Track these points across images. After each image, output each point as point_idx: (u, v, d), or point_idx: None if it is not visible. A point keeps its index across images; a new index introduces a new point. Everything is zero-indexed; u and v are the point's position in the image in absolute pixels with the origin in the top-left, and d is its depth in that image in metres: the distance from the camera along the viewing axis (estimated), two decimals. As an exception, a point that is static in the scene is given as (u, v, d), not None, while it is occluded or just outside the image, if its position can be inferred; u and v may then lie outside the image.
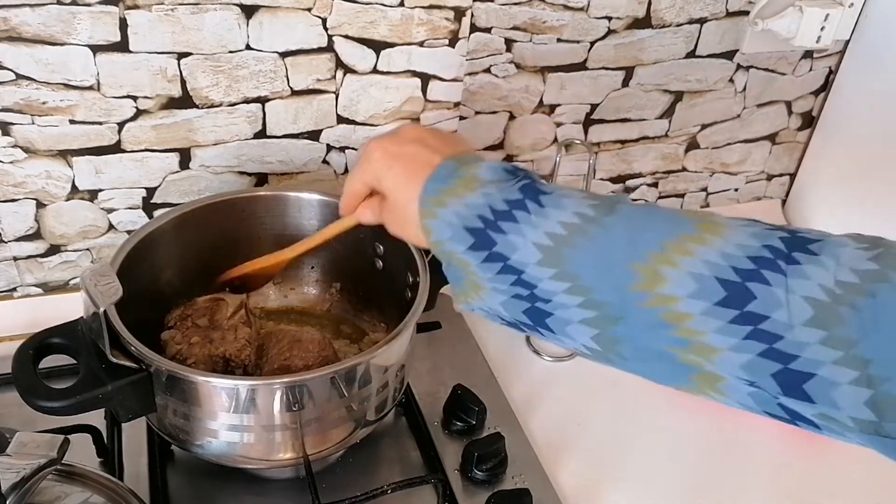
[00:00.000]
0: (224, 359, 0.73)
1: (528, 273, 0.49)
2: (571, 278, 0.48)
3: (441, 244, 0.53)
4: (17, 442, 0.55)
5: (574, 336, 0.49)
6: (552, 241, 0.49)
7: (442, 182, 0.53)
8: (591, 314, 0.48)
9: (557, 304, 0.49)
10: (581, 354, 0.51)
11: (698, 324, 0.44)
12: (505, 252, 0.50)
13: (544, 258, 0.49)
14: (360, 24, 0.83)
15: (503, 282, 0.50)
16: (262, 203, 0.82)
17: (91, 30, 0.74)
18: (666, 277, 0.45)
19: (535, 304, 0.50)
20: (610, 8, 0.92)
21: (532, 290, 0.49)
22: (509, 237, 0.50)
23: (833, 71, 1.08)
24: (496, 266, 0.50)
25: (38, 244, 0.86)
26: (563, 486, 0.77)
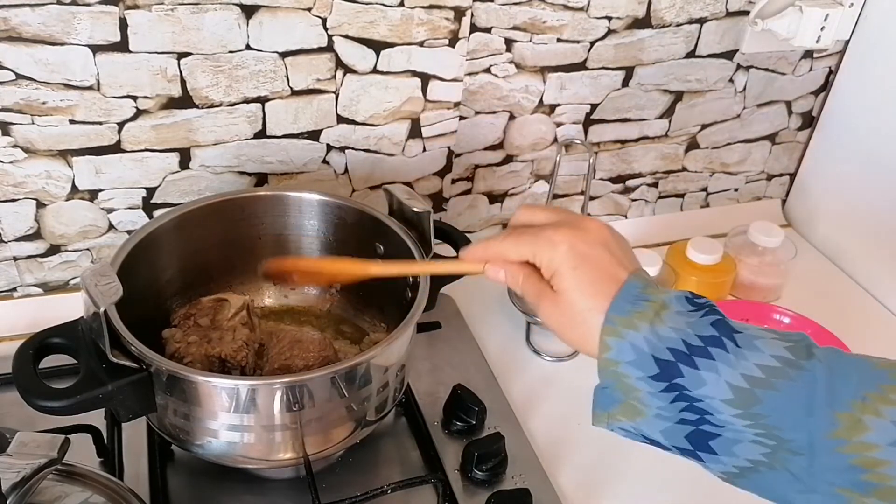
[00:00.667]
0: (220, 359, 0.73)
1: (708, 403, 0.49)
2: (758, 418, 0.48)
3: (616, 364, 0.51)
4: (18, 442, 0.55)
5: (739, 454, 0.49)
6: (747, 384, 0.48)
7: (632, 303, 0.52)
8: (769, 445, 0.48)
9: (730, 430, 0.49)
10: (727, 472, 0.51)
11: (894, 469, 0.45)
12: (688, 385, 0.49)
13: (735, 399, 0.48)
14: (360, 23, 0.83)
15: (673, 410, 0.50)
16: (262, 203, 0.82)
17: (91, 30, 0.74)
18: (869, 426, 0.46)
19: (701, 427, 0.49)
20: (610, 8, 0.92)
21: (702, 416, 0.49)
22: (701, 373, 0.49)
23: (833, 71, 1.08)
24: (671, 395, 0.50)
25: (38, 244, 0.86)
26: (563, 486, 0.77)
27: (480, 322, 0.96)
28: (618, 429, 0.54)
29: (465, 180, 1.00)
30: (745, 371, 0.48)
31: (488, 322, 0.97)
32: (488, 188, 1.02)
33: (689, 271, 0.98)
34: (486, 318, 0.97)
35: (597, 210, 1.10)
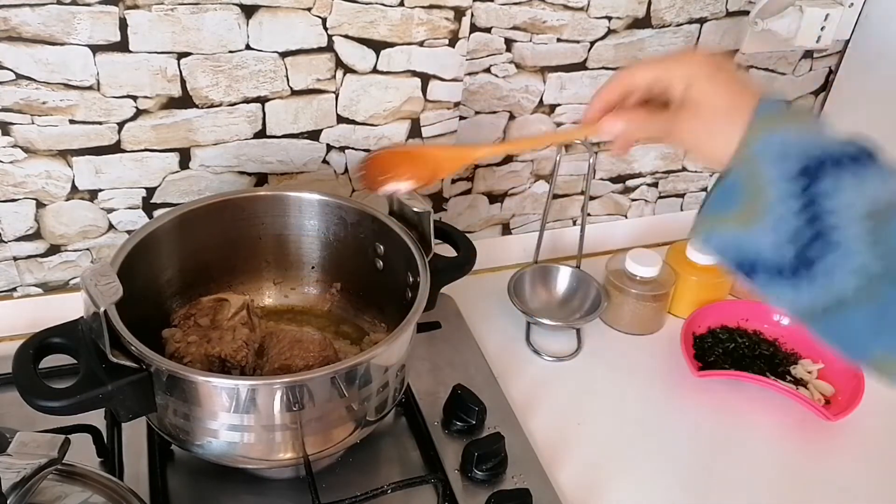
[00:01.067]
0: (220, 359, 0.73)
1: (838, 217, 0.47)
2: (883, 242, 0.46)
3: (755, 159, 0.50)
4: (18, 442, 0.55)
5: (836, 283, 0.47)
6: (887, 207, 0.47)
7: (777, 108, 0.51)
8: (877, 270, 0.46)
9: (843, 250, 0.47)
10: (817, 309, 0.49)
11: None
12: (827, 191, 0.47)
13: (868, 213, 0.46)
14: (360, 23, 0.83)
15: (796, 219, 0.48)
16: (262, 203, 0.82)
17: (91, 30, 0.74)
18: None
19: (814, 243, 0.47)
20: (610, 8, 0.92)
21: (823, 232, 0.47)
22: (843, 182, 0.47)
23: (833, 71, 1.08)
24: (801, 201, 0.48)
25: (38, 244, 0.86)
26: (563, 486, 0.77)
27: (480, 322, 0.96)
28: (716, 238, 0.52)
29: (465, 180, 1.00)
30: (887, 195, 0.47)
31: (488, 322, 0.97)
32: (488, 188, 1.02)
33: (689, 271, 0.98)
34: (486, 318, 0.97)
35: (597, 210, 1.10)
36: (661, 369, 0.93)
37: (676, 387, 0.90)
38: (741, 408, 0.88)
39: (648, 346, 0.96)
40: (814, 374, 0.92)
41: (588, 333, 0.97)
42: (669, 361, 0.93)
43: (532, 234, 1.05)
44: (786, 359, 0.93)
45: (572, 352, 0.94)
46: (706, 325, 0.97)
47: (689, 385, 0.90)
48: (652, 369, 0.93)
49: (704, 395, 0.89)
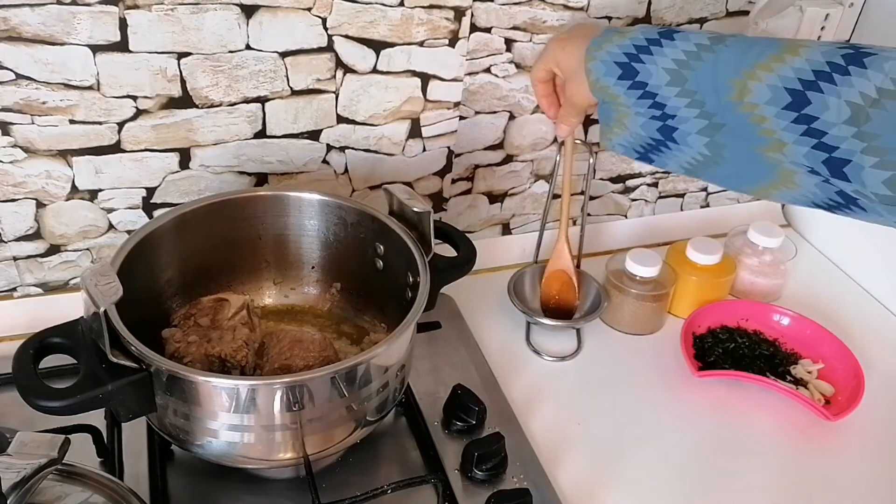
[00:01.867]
0: (220, 359, 0.73)
1: (661, 95, 0.66)
2: (690, 94, 0.64)
3: (598, 81, 0.69)
4: (18, 442, 0.55)
5: (692, 144, 0.66)
6: (676, 66, 0.64)
7: (603, 38, 0.69)
8: (704, 123, 0.64)
9: (681, 118, 0.65)
10: (695, 167, 0.68)
11: (773, 123, 0.59)
12: (644, 79, 0.66)
13: (671, 80, 0.65)
14: (360, 23, 0.83)
15: (642, 105, 0.67)
16: (262, 203, 0.82)
17: (91, 30, 0.74)
18: (751, 89, 0.59)
19: (666, 123, 0.67)
20: (610, 8, 0.92)
21: (663, 110, 0.66)
22: (647, 66, 0.66)
23: (833, 71, 1.08)
24: (638, 92, 0.67)
25: (38, 244, 0.86)
26: (563, 486, 0.77)
27: (480, 322, 0.96)
28: (618, 144, 0.72)
29: (465, 180, 1.00)
30: (675, 56, 0.64)
31: (488, 322, 0.97)
32: (488, 188, 1.02)
33: (689, 271, 0.98)
34: (486, 318, 0.97)
35: (597, 210, 1.10)
36: (661, 369, 0.93)
37: (676, 387, 0.90)
38: (741, 408, 0.88)
39: (648, 346, 0.96)
40: (814, 374, 0.92)
41: (588, 333, 0.97)
42: (669, 361, 0.93)
43: (532, 234, 1.05)
44: (786, 359, 0.93)
45: (572, 352, 0.94)
46: (706, 325, 0.97)
47: (689, 385, 0.90)
48: (652, 369, 0.93)
49: (704, 395, 0.89)
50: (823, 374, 0.92)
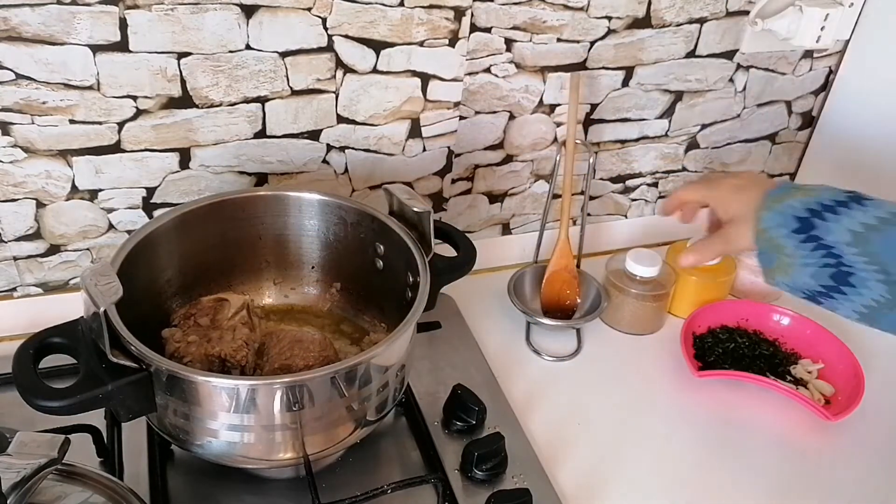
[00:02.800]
0: (220, 359, 0.73)
1: (837, 249, 0.63)
2: (872, 256, 0.62)
3: (767, 231, 0.67)
4: (18, 442, 0.55)
5: (872, 288, 0.63)
6: (864, 229, 0.62)
7: (783, 190, 0.68)
8: (884, 278, 0.62)
9: (859, 268, 0.63)
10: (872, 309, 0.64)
11: None
12: (820, 234, 0.64)
13: (853, 240, 0.62)
14: (360, 23, 0.83)
15: (815, 256, 0.64)
16: (262, 203, 0.82)
17: (91, 29, 0.74)
18: None
19: (840, 269, 0.63)
20: (610, 8, 0.92)
21: (839, 260, 0.63)
22: (828, 224, 0.64)
23: (833, 71, 1.08)
24: (810, 245, 0.64)
25: (38, 244, 0.86)
26: (563, 486, 0.77)
27: (480, 322, 0.96)
28: (781, 283, 0.68)
29: (465, 180, 1.00)
30: (863, 220, 0.63)
31: (488, 322, 0.97)
32: (488, 188, 1.02)
33: (689, 271, 0.98)
34: (486, 318, 0.97)
35: (597, 210, 1.10)
36: (661, 369, 0.93)
37: (676, 387, 0.90)
38: (741, 408, 0.88)
39: (648, 346, 0.96)
40: (814, 374, 0.92)
41: (588, 333, 0.97)
42: (669, 361, 0.93)
43: (532, 234, 1.05)
44: (786, 359, 0.93)
45: (572, 351, 0.94)
46: (706, 325, 0.97)
47: (689, 385, 0.90)
48: (652, 369, 0.93)
49: (704, 395, 0.89)
50: (823, 374, 0.92)
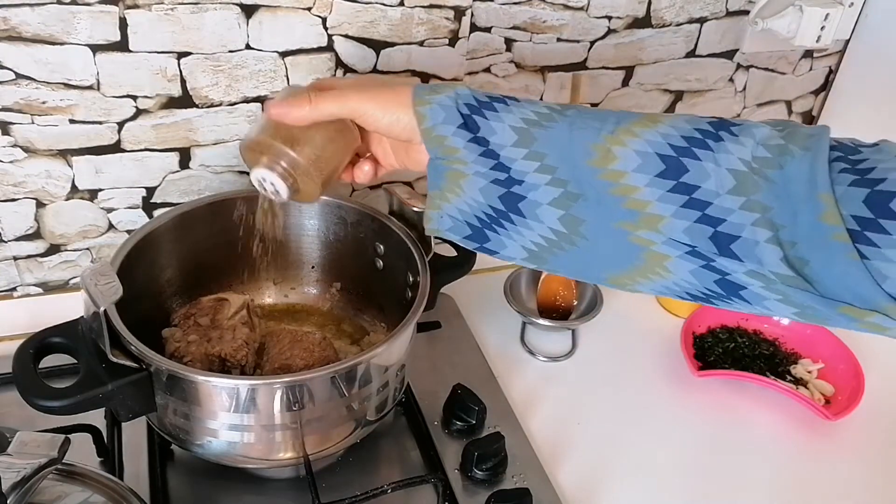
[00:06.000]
0: (220, 358, 0.73)
1: (505, 155, 0.55)
2: (540, 157, 0.54)
3: (433, 129, 0.56)
4: (18, 441, 0.55)
5: (543, 218, 0.54)
6: (525, 125, 0.55)
7: (429, 88, 0.58)
8: (557, 192, 0.54)
9: (529, 185, 0.54)
10: (543, 248, 0.56)
11: (644, 194, 0.51)
12: (487, 136, 0.55)
13: (519, 139, 0.55)
14: (360, 23, 0.83)
15: (484, 165, 0.56)
16: (262, 203, 0.82)
17: (91, 29, 0.74)
18: (616, 155, 0.52)
19: (511, 189, 0.55)
20: (610, 7, 0.92)
21: (508, 173, 0.55)
22: (490, 122, 0.55)
23: (833, 71, 1.08)
24: (479, 149, 0.56)
25: (38, 244, 0.86)
26: (563, 486, 0.77)
27: (480, 322, 0.96)
28: (449, 215, 0.58)
29: (465, 180, 1.00)
30: (523, 115, 0.55)
31: (488, 322, 0.97)
32: (488, 188, 1.02)
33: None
34: (487, 317, 0.97)
35: (597, 210, 1.10)
36: (661, 369, 0.93)
37: (676, 387, 0.90)
38: (741, 408, 0.88)
39: (648, 346, 0.96)
40: (814, 373, 0.92)
41: (588, 333, 0.97)
42: (669, 361, 0.93)
43: (532, 233, 1.05)
44: (786, 358, 0.93)
45: (567, 352, 0.94)
46: (706, 325, 0.97)
47: (689, 385, 0.90)
48: (652, 369, 0.93)
49: (704, 395, 0.89)
50: (823, 374, 0.92)
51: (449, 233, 0.59)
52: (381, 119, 0.58)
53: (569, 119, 0.54)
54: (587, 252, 0.54)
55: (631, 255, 0.53)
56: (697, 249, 0.50)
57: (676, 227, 0.50)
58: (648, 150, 0.51)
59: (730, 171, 0.49)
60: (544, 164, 0.54)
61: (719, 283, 0.50)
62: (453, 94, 0.57)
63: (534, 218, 0.55)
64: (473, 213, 0.57)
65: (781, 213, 0.47)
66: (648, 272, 0.53)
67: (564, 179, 0.53)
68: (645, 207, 0.51)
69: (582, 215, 0.53)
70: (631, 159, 0.51)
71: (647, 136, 0.51)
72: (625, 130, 0.52)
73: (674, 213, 0.50)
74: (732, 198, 0.48)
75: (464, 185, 0.56)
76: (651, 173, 0.50)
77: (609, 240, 0.53)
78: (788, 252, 0.47)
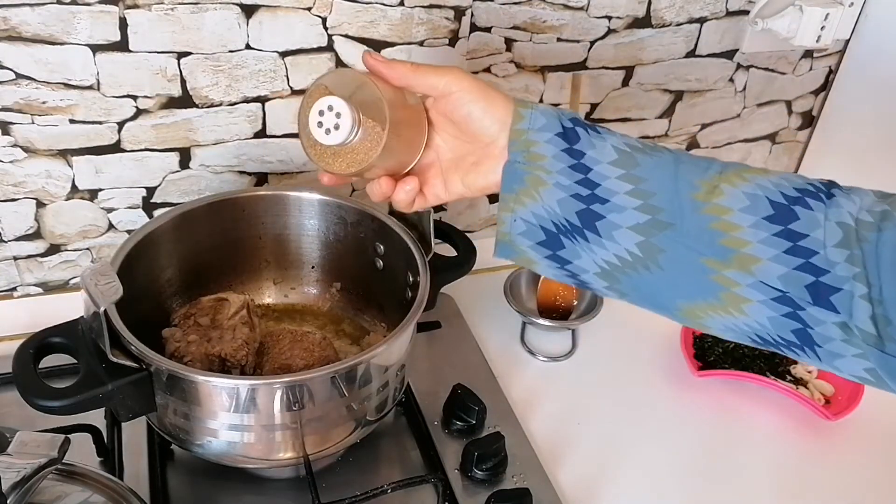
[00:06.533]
0: (220, 358, 0.73)
1: (598, 171, 0.54)
2: (636, 181, 0.53)
3: (526, 132, 0.55)
4: (18, 441, 0.55)
5: (619, 241, 0.54)
6: (629, 148, 0.55)
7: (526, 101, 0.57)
8: (644, 218, 0.53)
9: (614, 205, 0.53)
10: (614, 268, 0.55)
11: (746, 234, 0.50)
12: (583, 149, 0.55)
13: (618, 160, 0.54)
14: (360, 23, 0.83)
15: (569, 177, 0.54)
16: (262, 203, 0.82)
17: (91, 29, 0.74)
18: (724, 192, 0.52)
19: (591, 206, 0.54)
20: (610, 7, 0.92)
21: (593, 190, 0.54)
22: (592, 138, 0.55)
23: (833, 71, 1.08)
24: (570, 161, 0.55)
25: (38, 244, 0.86)
26: (563, 486, 0.77)
27: (480, 322, 0.96)
28: (520, 219, 0.56)
29: (465, 180, 1.00)
30: (627, 141, 0.55)
31: (488, 322, 0.97)
32: (488, 188, 1.02)
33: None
34: (487, 317, 0.97)
35: (597, 210, 1.10)
36: (661, 369, 0.93)
37: (676, 387, 0.90)
38: (741, 408, 0.88)
39: (648, 346, 0.96)
40: (814, 373, 0.92)
41: (588, 333, 0.97)
42: (669, 361, 0.93)
43: (532, 233, 1.05)
44: (786, 358, 0.93)
45: (566, 352, 0.94)
46: (706, 325, 0.97)
47: (689, 385, 0.90)
48: (652, 369, 0.93)
49: (704, 395, 0.89)
50: (823, 374, 0.92)
51: (521, 237, 0.57)
52: (476, 102, 0.56)
53: (674, 154, 0.55)
54: (660, 280, 0.54)
55: (707, 291, 0.52)
56: (788, 296, 0.50)
57: (772, 271, 0.50)
58: (759, 193, 0.51)
59: (839, 224, 0.50)
60: (640, 188, 0.53)
61: (797, 332, 0.51)
62: (557, 110, 0.56)
63: (609, 238, 0.54)
64: (550, 218, 0.55)
65: (872, 272, 0.48)
66: (721, 310, 0.53)
67: (659, 207, 0.53)
68: (743, 247, 0.51)
69: (664, 245, 0.53)
70: (738, 199, 0.51)
71: (758, 181, 0.52)
72: (734, 173, 0.53)
73: (773, 257, 0.50)
74: (838, 250, 0.49)
75: (542, 192, 0.55)
76: (758, 215, 0.50)
77: (689, 274, 0.53)
78: (876, 310, 0.48)
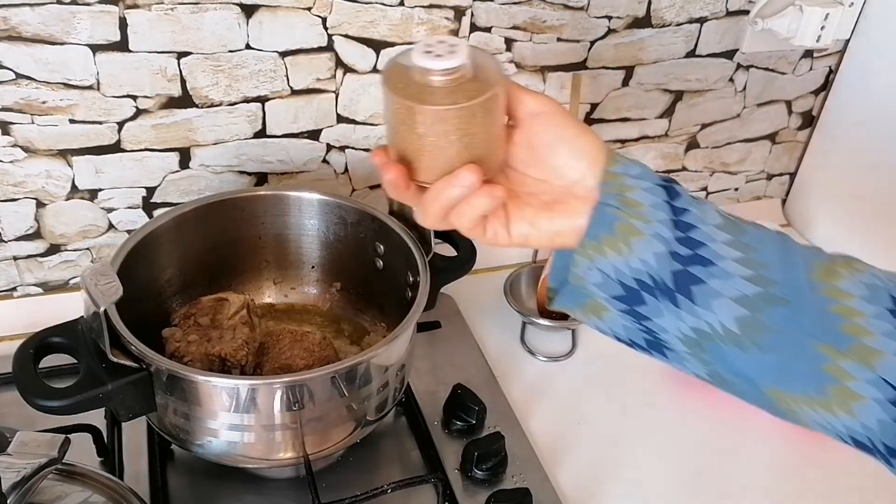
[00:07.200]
0: (220, 358, 0.73)
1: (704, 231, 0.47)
2: (747, 249, 0.47)
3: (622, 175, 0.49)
4: (18, 441, 0.55)
5: (717, 311, 0.47)
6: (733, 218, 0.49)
7: None
8: (753, 290, 0.46)
9: (719, 270, 0.47)
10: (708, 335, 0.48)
11: (869, 324, 0.45)
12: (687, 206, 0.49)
13: (724, 223, 0.48)
14: (360, 23, 0.83)
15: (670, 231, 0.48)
16: (262, 203, 0.82)
17: (91, 29, 0.74)
18: (843, 275, 0.47)
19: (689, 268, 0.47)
20: (610, 7, 0.92)
21: (696, 251, 0.47)
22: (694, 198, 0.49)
23: (833, 71, 1.08)
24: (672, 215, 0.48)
25: (38, 244, 0.86)
26: (563, 486, 0.77)
27: (480, 322, 0.96)
28: (597, 270, 0.49)
29: (465, 180, 1.00)
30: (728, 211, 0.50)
31: (488, 322, 0.97)
32: (488, 188, 1.02)
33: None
34: (487, 317, 0.97)
35: (597, 210, 1.10)
36: (661, 369, 0.93)
37: (676, 387, 0.90)
38: (741, 408, 0.88)
39: (648, 346, 0.96)
40: (814, 373, 0.92)
41: (588, 333, 0.97)
42: (669, 361, 0.93)
43: (532, 233, 1.05)
44: (786, 358, 0.93)
45: (566, 352, 0.94)
46: (706, 325, 0.97)
47: (690, 385, 0.90)
48: (652, 369, 0.93)
49: (704, 394, 0.89)
50: (823, 374, 0.92)
51: (595, 288, 0.50)
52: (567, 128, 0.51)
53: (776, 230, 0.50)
54: (757, 361, 0.48)
55: (814, 382, 0.46)
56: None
57: (893, 366, 0.44)
58: (878, 283, 0.46)
59: None
60: (751, 257, 0.47)
61: None
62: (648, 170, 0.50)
63: (705, 307, 0.47)
64: (634, 276, 0.48)
65: None
66: (822, 405, 0.47)
67: (773, 280, 0.46)
68: (865, 337, 0.45)
69: (772, 323, 0.46)
70: (858, 287, 0.46)
71: (873, 271, 0.48)
72: (845, 262, 0.48)
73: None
74: None
75: (635, 243, 0.48)
76: (881, 306, 0.45)
77: (797, 360, 0.46)
78: None
